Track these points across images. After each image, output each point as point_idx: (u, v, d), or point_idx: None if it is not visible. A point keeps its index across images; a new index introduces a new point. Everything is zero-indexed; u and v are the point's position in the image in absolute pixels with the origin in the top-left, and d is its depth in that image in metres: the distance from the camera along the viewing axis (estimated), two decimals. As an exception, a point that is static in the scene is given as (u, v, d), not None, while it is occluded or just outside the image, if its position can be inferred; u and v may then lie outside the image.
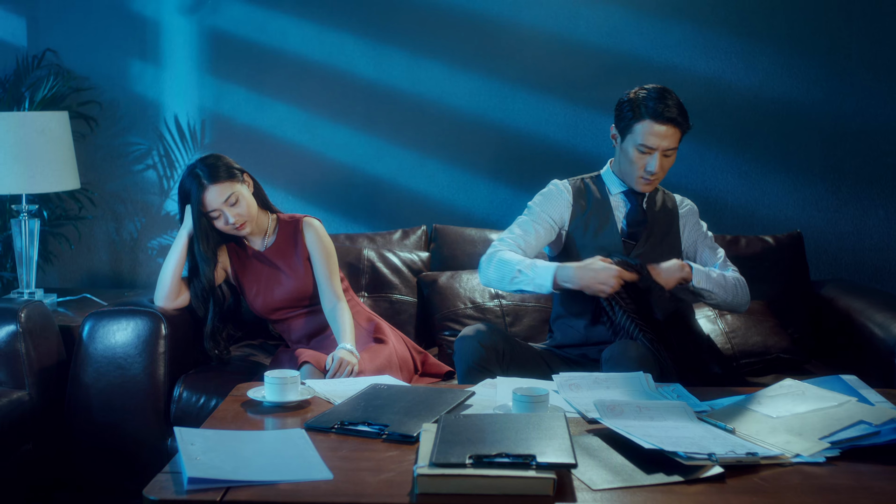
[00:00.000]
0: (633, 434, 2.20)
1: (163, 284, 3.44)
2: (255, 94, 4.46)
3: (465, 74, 4.36)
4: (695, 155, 4.30)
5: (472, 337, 3.06)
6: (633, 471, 2.09)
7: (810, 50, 4.24)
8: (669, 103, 3.11)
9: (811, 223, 4.28)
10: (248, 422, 2.50)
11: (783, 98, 4.27)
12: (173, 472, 2.07)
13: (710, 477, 2.05)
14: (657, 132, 3.10)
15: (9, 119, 3.84)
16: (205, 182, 3.32)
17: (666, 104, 3.11)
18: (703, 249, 3.36)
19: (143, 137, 4.52)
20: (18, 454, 3.24)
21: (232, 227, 3.37)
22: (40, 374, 3.35)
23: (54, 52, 4.48)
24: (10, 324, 3.31)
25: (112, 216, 4.57)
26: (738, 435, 2.30)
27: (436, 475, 1.95)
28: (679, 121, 3.12)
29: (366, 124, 4.41)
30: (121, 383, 3.31)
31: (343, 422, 2.38)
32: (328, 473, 2.06)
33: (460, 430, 2.16)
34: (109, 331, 3.34)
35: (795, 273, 3.92)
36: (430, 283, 3.88)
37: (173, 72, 4.49)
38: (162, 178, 4.53)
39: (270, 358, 3.58)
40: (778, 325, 3.62)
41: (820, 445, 2.22)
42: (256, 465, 2.10)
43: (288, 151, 4.44)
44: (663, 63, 4.28)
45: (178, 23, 4.46)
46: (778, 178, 4.30)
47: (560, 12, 4.29)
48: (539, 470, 1.95)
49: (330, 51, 4.40)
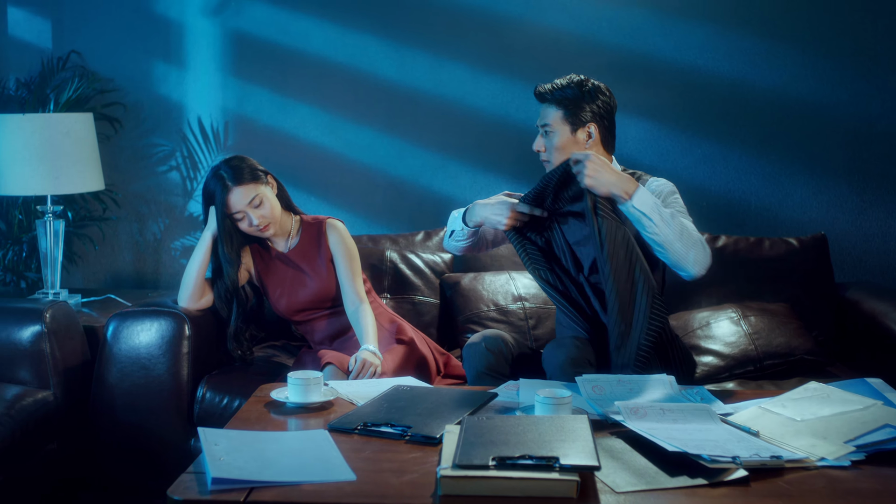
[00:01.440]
0: (657, 436, 2.20)
1: (187, 285, 3.46)
2: (278, 96, 4.47)
3: (488, 76, 4.35)
4: (718, 156, 4.28)
5: (479, 343, 3.12)
6: (656, 473, 2.09)
7: (835, 51, 4.21)
8: (544, 83, 3.19)
9: (836, 225, 4.26)
10: (271, 422, 2.51)
11: (807, 99, 4.24)
12: (197, 473, 2.08)
13: (735, 480, 2.04)
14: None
15: (34, 121, 3.87)
16: (229, 184, 3.34)
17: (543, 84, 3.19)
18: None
19: (166, 139, 4.54)
20: (43, 453, 3.26)
21: (256, 228, 3.38)
22: (65, 374, 3.37)
23: (79, 53, 4.50)
24: (36, 324, 3.33)
25: (136, 217, 4.59)
26: (763, 438, 2.29)
27: (459, 477, 1.95)
28: (545, 95, 3.17)
29: (388, 126, 4.41)
30: (145, 383, 3.33)
31: (366, 423, 2.38)
32: (351, 474, 2.07)
33: (483, 431, 2.16)
34: (133, 331, 3.36)
35: (820, 275, 3.89)
36: (453, 284, 3.88)
37: (197, 73, 4.50)
38: (185, 180, 4.55)
39: (293, 359, 3.59)
40: (802, 327, 3.61)
41: (845, 449, 2.21)
42: (280, 465, 2.11)
43: (310, 153, 4.45)
44: (686, 64, 4.26)
45: (201, 25, 4.48)
46: (802, 179, 4.27)
47: (583, 14, 4.28)
48: (562, 472, 1.95)
49: (353, 52, 4.41)
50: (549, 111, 3.18)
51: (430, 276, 3.96)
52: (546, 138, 3.19)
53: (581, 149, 3.14)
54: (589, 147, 3.15)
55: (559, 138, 3.15)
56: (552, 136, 3.17)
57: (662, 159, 4.29)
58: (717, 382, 3.37)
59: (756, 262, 3.87)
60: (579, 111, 3.14)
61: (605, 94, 3.18)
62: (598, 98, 3.15)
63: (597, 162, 2.92)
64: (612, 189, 2.92)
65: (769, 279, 3.83)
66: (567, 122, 3.15)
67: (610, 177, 2.91)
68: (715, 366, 3.43)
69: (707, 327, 3.54)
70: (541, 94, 3.19)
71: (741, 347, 3.46)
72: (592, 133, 3.15)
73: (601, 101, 3.16)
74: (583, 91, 3.14)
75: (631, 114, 4.20)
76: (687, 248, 2.90)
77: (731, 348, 3.46)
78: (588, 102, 3.14)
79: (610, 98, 3.19)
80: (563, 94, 3.14)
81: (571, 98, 3.14)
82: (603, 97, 3.16)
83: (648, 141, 4.30)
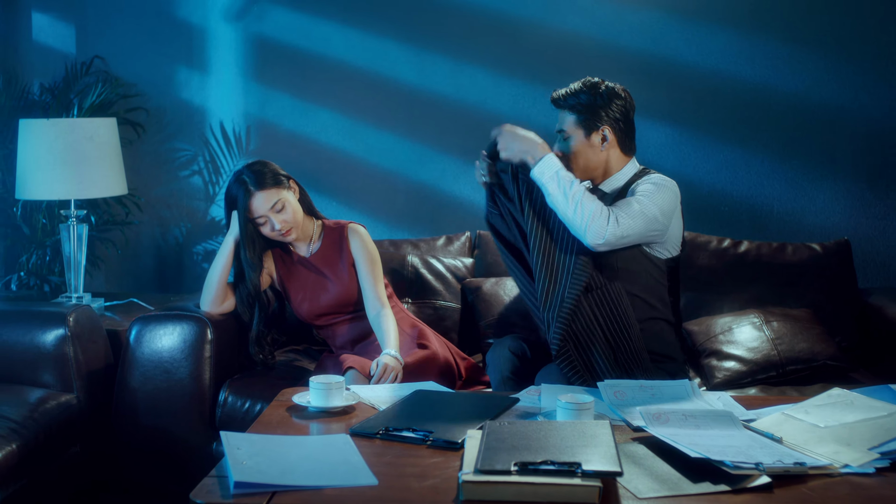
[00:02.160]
0: (679, 442, 2.19)
1: (209, 289, 3.47)
2: (300, 101, 4.48)
3: (509, 80, 4.35)
4: (740, 161, 4.27)
5: (502, 348, 3.15)
6: (678, 479, 2.08)
7: (858, 55, 4.19)
8: (559, 89, 3.21)
9: (859, 230, 4.23)
10: (293, 427, 2.51)
11: (830, 104, 4.22)
12: (219, 476, 2.09)
13: (758, 487, 2.03)
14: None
15: (58, 125, 3.89)
16: (251, 188, 3.35)
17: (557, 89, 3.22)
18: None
19: (188, 143, 4.56)
20: (66, 456, 3.28)
21: (278, 233, 3.39)
22: (88, 377, 3.39)
23: (102, 59, 4.53)
24: (59, 328, 3.35)
25: (158, 221, 4.61)
26: (786, 444, 2.28)
27: (481, 482, 1.95)
28: (559, 102, 3.20)
29: (409, 130, 4.42)
30: (167, 387, 3.34)
31: (388, 427, 2.39)
32: (373, 479, 2.07)
33: (505, 436, 2.16)
34: (156, 335, 3.38)
35: (843, 281, 3.87)
36: (475, 289, 3.87)
37: (219, 78, 4.52)
38: (207, 184, 4.57)
39: (314, 363, 3.60)
40: (825, 332, 3.59)
41: (869, 456, 2.19)
42: (302, 469, 2.11)
43: (332, 157, 4.46)
44: (708, 69, 4.25)
45: (223, 30, 4.50)
46: (825, 184, 4.25)
47: (605, 18, 4.28)
48: (584, 478, 1.95)
49: (373, 57, 4.41)
50: (565, 116, 3.20)
51: (451, 280, 3.96)
52: (563, 143, 3.20)
53: (596, 152, 3.17)
54: (604, 150, 3.16)
55: (574, 143, 3.17)
56: (568, 140, 3.18)
57: (684, 164, 4.28)
58: (740, 388, 3.36)
59: (778, 268, 3.85)
60: (593, 116, 3.15)
61: (622, 97, 3.18)
62: (612, 101, 3.15)
63: (507, 134, 3.05)
64: (522, 156, 3.04)
65: (792, 284, 3.81)
66: (581, 127, 3.16)
67: (520, 145, 3.03)
68: (737, 371, 3.42)
69: (729, 332, 3.53)
70: (556, 101, 3.21)
71: (763, 352, 3.45)
72: (607, 136, 3.15)
73: (616, 104, 3.16)
74: (596, 95, 3.15)
75: (652, 118, 4.19)
76: (580, 221, 2.93)
77: (754, 353, 3.45)
78: (602, 107, 3.15)
79: (626, 100, 3.19)
80: (577, 99, 3.16)
81: (585, 103, 3.15)
82: (618, 100, 3.17)
83: (669, 146, 4.29)
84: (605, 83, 3.18)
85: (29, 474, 3.01)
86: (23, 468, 2.95)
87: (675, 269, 3.22)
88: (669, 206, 3.08)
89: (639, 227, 2.99)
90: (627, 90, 3.22)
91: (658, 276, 3.14)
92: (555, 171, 2.98)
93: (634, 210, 3.00)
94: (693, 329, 3.63)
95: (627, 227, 2.96)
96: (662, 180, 3.13)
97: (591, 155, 3.17)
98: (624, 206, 3.01)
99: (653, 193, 3.05)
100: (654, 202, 3.03)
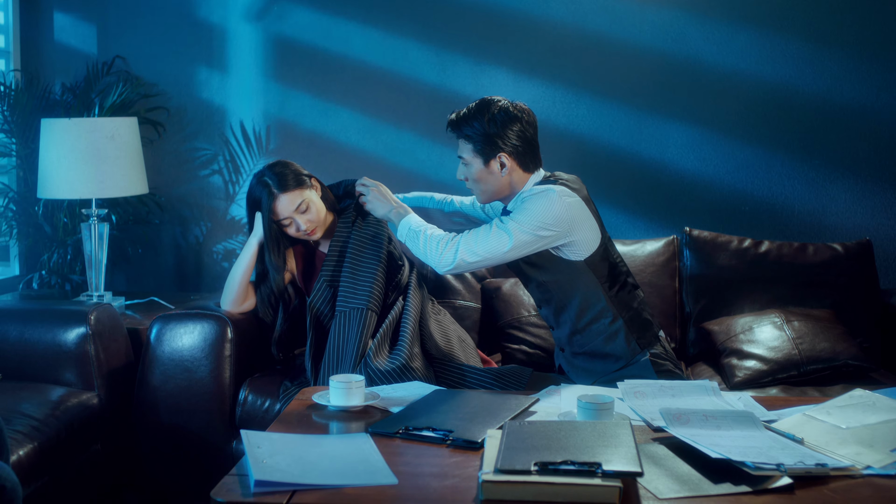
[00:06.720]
0: (700, 443, 2.18)
1: (230, 289, 3.47)
2: (320, 100, 4.49)
3: (529, 80, 4.35)
4: (761, 161, 4.25)
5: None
6: (699, 480, 2.08)
7: (880, 55, 4.17)
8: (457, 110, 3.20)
9: (881, 231, 4.21)
10: (313, 426, 2.52)
11: (851, 104, 4.20)
12: (240, 475, 2.10)
13: (779, 488, 2.03)
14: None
15: (80, 125, 3.91)
16: (275, 191, 3.33)
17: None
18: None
19: (209, 143, 4.58)
20: (87, 454, 3.29)
21: (303, 233, 3.38)
22: (109, 375, 3.41)
23: (123, 58, 4.55)
24: (80, 326, 3.37)
25: (178, 220, 4.63)
26: (807, 445, 2.27)
27: (501, 481, 1.95)
28: (454, 127, 3.18)
29: (429, 130, 4.42)
30: (187, 386, 3.35)
31: (407, 427, 2.39)
32: (393, 478, 2.07)
33: (525, 436, 2.16)
34: (177, 334, 3.39)
35: (864, 281, 3.85)
36: (494, 289, 3.87)
37: (239, 78, 4.54)
38: (227, 184, 4.58)
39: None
40: (846, 332, 3.57)
41: (891, 457, 2.18)
42: (322, 468, 2.12)
43: (352, 157, 4.47)
44: (729, 68, 4.23)
45: (243, 30, 4.51)
46: (846, 184, 4.23)
47: (625, 18, 4.27)
48: (605, 478, 1.94)
49: (394, 57, 4.42)
50: (462, 144, 3.16)
51: (471, 280, 3.96)
52: (465, 168, 3.19)
53: (496, 178, 3.15)
54: (505, 175, 3.13)
55: (474, 170, 3.16)
56: (468, 167, 3.17)
57: (704, 164, 4.27)
58: (760, 387, 3.35)
59: (799, 268, 3.83)
60: (489, 145, 3.10)
61: (517, 118, 3.11)
62: (507, 128, 3.09)
63: (373, 195, 3.30)
64: (385, 216, 3.31)
65: (813, 285, 3.79)
66: (479, 155, 3.13)
67: (382, 208, 3.29)
68: (758, 370, 3.40)
69: (750, 332, 3.51)
70: (451, 125, 3.18)
71: (784, 352, 3.43)
72: (505, 163, 3.11)
73: (512, 130, 3.09)
74: (490, 122, 3.08)
75: (672, 118, 4.18)
76: (433, 256, 3.10)
77: (775, 353, 3.43)
78: (497, 135, 3.09)
79: (523, 121, 3.12)
80: (472, 128, 3.11)
81: (480, 132, 3.10)
82: (514, 125, 3.10)
83: (690, 145, 4.27)
84: (498, 105, 3.11)
85: (50, 472, 3.03)
86: (44, 466, 2.96)
87: (611, 263, 3.20)
88: (553, 212, 3.04)
89: (499, 247, 3.03)
90: (525, 107, 3.16)
91: (584, 275, 3.13)
92: (407, 230, 3.17)
93: (491, 232, 3.03)
94: (713, 328, 3.62)
95: (474, 251, 3.04)
96: (541, 190, 3.09)
97: (492, 181, 3.15)
98: (482, 230, 3.06)
99: (523, 211, 3.05)
100: (528, 217, 3.02)
